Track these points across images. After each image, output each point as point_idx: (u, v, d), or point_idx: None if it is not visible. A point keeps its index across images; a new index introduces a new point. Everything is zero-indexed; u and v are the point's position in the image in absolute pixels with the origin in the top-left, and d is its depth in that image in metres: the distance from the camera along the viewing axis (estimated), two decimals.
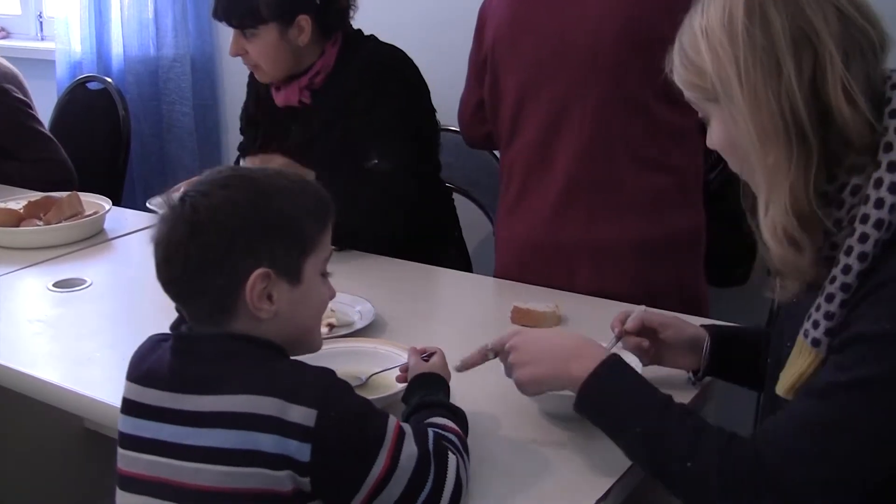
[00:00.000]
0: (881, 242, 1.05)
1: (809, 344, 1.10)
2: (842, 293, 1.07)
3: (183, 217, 1.12)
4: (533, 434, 1.38)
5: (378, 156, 2.10)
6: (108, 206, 2.38)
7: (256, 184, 1.16)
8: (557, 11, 1.87)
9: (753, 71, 1.07)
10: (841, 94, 1.05)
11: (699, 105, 1.19)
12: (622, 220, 1.88)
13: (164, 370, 1.14)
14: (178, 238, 1.12)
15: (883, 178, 1.05)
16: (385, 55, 2.18)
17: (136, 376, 1.18)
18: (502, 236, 2.06)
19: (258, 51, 2.12)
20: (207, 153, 3.62)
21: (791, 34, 1.06)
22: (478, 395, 1.44)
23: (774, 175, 1.08)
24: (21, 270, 2.08)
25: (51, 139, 2.87)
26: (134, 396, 1.17)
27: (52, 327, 1.80)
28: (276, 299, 1.14)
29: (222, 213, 1.12)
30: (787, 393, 1.13)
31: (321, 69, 2.15)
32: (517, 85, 1.94)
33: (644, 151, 1.86)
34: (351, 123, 2.12)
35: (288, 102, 2.20)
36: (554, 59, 1.87)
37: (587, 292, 1.87)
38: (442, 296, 1.93)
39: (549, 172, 1.92)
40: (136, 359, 1.21)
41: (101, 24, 3.48)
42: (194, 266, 1.12)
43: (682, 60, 1.17)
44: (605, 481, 1.26)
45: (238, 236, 1.12)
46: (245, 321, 1.14)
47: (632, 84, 1.82)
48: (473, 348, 1.69)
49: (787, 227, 1.08)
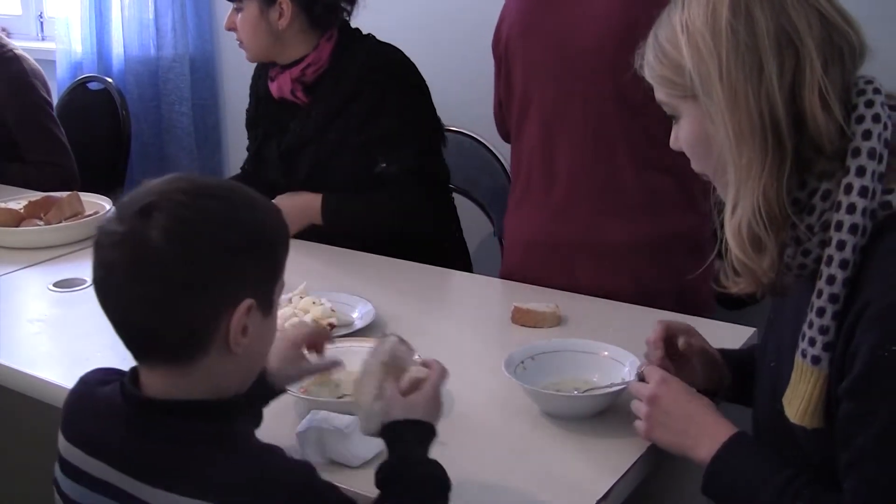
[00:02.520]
0: (859, 248, 1.04)
1: (809, 363, 1.07)
2: (832, 304, 1.05)
3: (150, 232, 0.94)
4: (533, 434, 1.38)
5: (385, 160, 2.13)
6: (109, 206, 2.37)
7: (234, 196, 1.01)
8: (563, 11, 1.88)
9: (735, 68, 1.06)
10: (817, 99, 1.05)
11: (669, 102, 1.18)
12: (623, 219, 1.88)
13: (116, 443, 1.00)
14: (147, 258, 0.94)
15: (853, 183, 1.04)
16: (384, 56, 2.19)
17: (75, 437, 1.04)
18: (508, 234, 2.07)
19: (241, 25, 2.18)
20: (207, 153, 3.62)
21: (775, 35, 1.06)
22: (478, 396, 1.44)
23: (747, 175, 1.07)
24: (21, 270, 2.08)
25: (63, 144, 2.85)
26: (76, 462, 1.02)
27: (52, 327, 1.80)
28: (250, 333, 1.00)
29: (210, 226, 0.96)
30: (802, 420, 1.09)
31: (313, 62, 2.17)
32: (523, 83, 1.95)
33: (645, 152, 1.86)
34: (350, 125, 2.14)
35: (282, 94, 2.22)
36: (557, 58, 1.88)
37: (588, 291, 1.87)
38: (442, 296, 1.93)
39: (551, 171, 1.93)
40: (70, 410, 1.07)
41: (101, 25, 3.49)
42: (173, 291, 0.95)
43: (657, 55, 1.16)
44: (607, 481, 1.26)
45: (226, 255, 0.97)
46: (215, 358, 0.99)
47: (633, 84, 1.82)
48: (473, 348, 1.69)
49: (753, 227, 1.07)
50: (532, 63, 1.93)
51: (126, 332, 1.00)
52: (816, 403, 1.08)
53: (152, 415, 1.00)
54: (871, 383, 1.02)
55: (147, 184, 1.00)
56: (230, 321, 0.98)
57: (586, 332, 1.65)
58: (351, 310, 1.76)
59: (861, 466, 1.04)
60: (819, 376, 1.07)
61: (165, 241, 0.93)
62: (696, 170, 1.21)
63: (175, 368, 1.00)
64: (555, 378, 1.48)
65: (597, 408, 1.40)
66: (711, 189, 1.19)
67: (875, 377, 1.01)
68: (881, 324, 1.01)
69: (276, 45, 2.18)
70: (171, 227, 0.94)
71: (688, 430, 1.24)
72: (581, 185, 1.90)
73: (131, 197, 0.98)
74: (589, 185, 1.89)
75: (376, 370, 1.16)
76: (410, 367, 1.19)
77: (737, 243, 1.09)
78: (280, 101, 2.24)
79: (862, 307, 1.02)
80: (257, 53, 2.22)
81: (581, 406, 1.41)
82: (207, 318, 0.97)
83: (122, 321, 0.99)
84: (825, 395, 1.07)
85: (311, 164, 2.18)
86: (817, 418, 1.09)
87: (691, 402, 1.26)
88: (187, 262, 0.94)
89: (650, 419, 1.28)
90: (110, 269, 0.96)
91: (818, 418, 1.09)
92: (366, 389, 1.15)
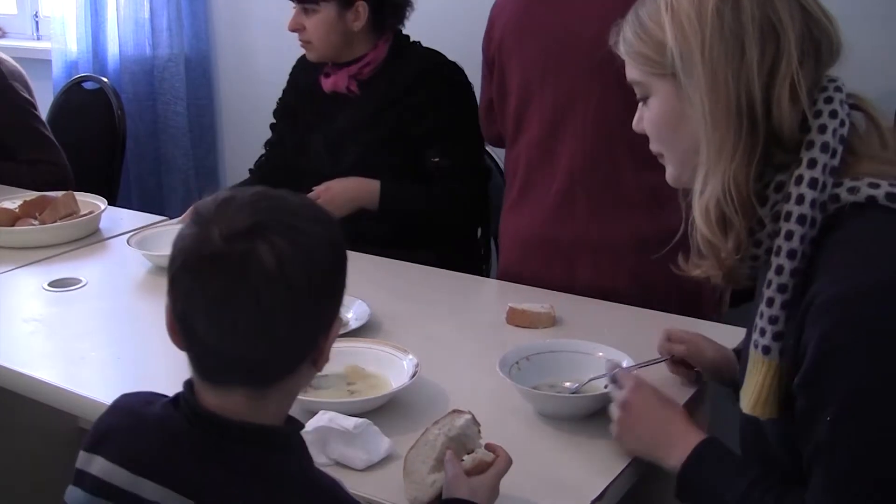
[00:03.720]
0: (808, 238, 1.06)
1: (760, 353, 1.09)
2: (780, 294, 1.06)
3: (263, 257, 0.88)
4: (528, 434, 1.38)
5: (438, 154, 2.22)
6: (104, 205, 2.37)
7: (322, 215, 0.99)
8: (561, 11, 1.89)
9: (718, 50, 1.08)
10: (787, 90, 1.07)
11: (642, 80, 1.20)
12: (622, 217, 1.89)
13: (175, 465, 0.95)
14: (264, 285, 0.88)
15: (803, 174, 1.06)
16: (437, 59, 2.29)
17: (120, 457, 0.98)
18: (505, 233, 2.07)
19: (314, 26, 2.22)
20: (202, 153, 3.62)
21: (759, 23, 1.08)
22: (473, 396, 1.45)
23: (718, 156, 1.09)
24: (16, 270, 2.08)
25: (52, 142, 2.85)
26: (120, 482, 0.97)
27: (47, 327, 1.79)
28: (330, 350, 0.99)
29: (320, 252, 0.94)
30: (753, 410, 1.10)
31: (371, 61, 2.25)
32: (521, 84, 1.95)
33: (645, 150, 1.85)
34: (403, 117, 2.22)
35: (336, 88, 2.29)
36: (557, 58, 1.89)
37: (587, 289, 1.88)
38: (437, 296, 1.93)
39: (552, 170, 1.93)
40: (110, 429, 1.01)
41: (97, 24, 3.48)
42: (287, 318, 0.91)
43: (636, 32, 1.17)
44: (601, 482, 1.26)
45: (330, 278, 0.96)
46: (297, 377, 0.98)
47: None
48: (468, 348, 1.69)
49: (722, 206, 1.09)
50: (530, 63, 1.93)
51: (220, 358, 0.93)
52: (767, 394, 1.09)
53: (222, 438, 0.95)
54: (819, 376, 1.03)
55: (230, 194, 0.94)
56: (327, 339, 0.97)
57: (581, 332, 1.65)
58: (346, 310, 1.76)
59: (817, 459, 1.05)
60: (769, 366, 1.08)
61: (281, 264, 0.88)
62: (653, 150, 1.24)
63: (258, 391, 0.96)
64: (549, 379, 1.49)
65: (591, 409, 1.40)
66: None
67: (823, 369, 1.02)
68: (828, 316, 1.02)
69: (345, 46, 2.25)
70: (286, 250, 0.89)
71: (658, 437, 1.26)
72: (581, 183, 1.90)
73: (215, 214, 0.92)
74: (589, 182, 1.90)
75: (439, 443, 1.17)
76: (476, 448, 1.19)
77: (704, 221, 1.11)
78: (330, 94, 2.31)
79: (811, 299, 1.03)
80: (325, 54, 2.27)
81: (575, 407, 1.41)
82: (311, 341, 0.96)
83: (218, 347, 0.92)
84: (778, 386, 1.08)
85: (358, 154, 2.26)
86: (769, 408, 1.10)
87: (663, 410, 1.28)
88: (302, 289, 0.91)
89: (622, 424, 1.29)
90: (215, 294, 0.89)
91: (770, 408, 1.10)
92: (422, 458, 1.17)
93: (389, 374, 1.50)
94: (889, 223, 1.05)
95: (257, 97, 2.87)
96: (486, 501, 1.12)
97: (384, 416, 1.39)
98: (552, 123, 1.92)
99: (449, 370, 1.57)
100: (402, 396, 1.46)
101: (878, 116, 1.13)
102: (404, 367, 1.50)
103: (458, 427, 1.19)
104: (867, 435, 1.01)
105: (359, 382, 1.49)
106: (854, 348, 1.00)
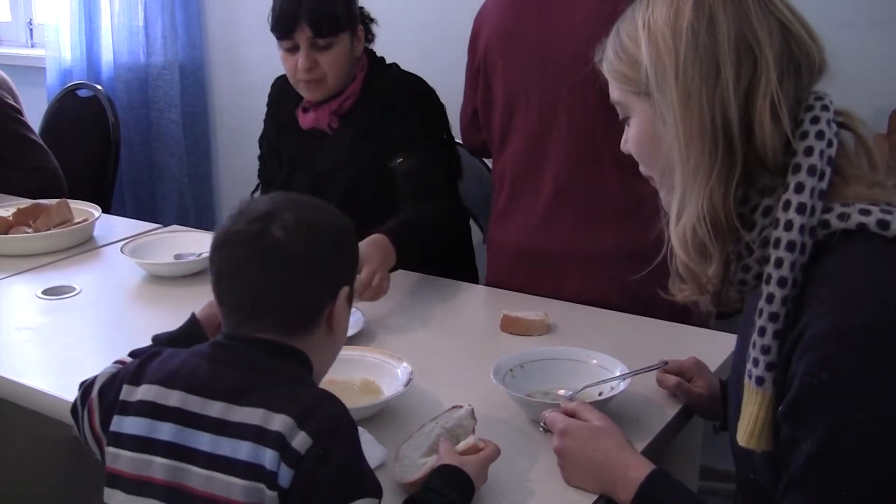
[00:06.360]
0: (798, 265, 1.03)
1: (754, 385, 1.05)
2: (772, 323, 1.03)
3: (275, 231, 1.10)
4: (522, 442, 1.39)
5: (403, 155, 2.10)
6: (98, 213, 2.37)
7: (327, 206, 1.20)
8: (546, 20, 1.88)
9: (692, 69, 1.05)
10: (767, 109, 1.04)
11: (621, 101, 1.17)
12: (608, 227, 1.89)
13: (201, 375, 1.10)
14: (276, 249, 1.10)
15: (791, 199, 1.02)
16: (410, 85, 2.19)
17: (160, 378, 1.12)
18: (493, 243, 2.07)
19: (331, 62, 2.09)
20: (196, 161, 3.62)
21: (735, 42, 1.05)
22: (472, 401, 1.45)
23: (693, 179, 1.06)
24: (10, 278, 2.08)
25: (42, 147, 2.86)
26: (152, 398, 1.11)
27: (41, 335, 1.79)
28: (343, 317, 1.16)
29: (320, 227, 1.15)
30: (748, 443, 1.08)
31: (351, 94, 2.15)
32: (507, 93, 1.95)
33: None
34: (376, 147, 2.13)
35: (317, 125, 2.18)
36: (541, 66, 1.89)
37: (574, 299, 1.88)
38: (431, 303, 1.93)
39: (538, 180, 1.93)
40: (157, 362, 1.15)
41: (91, 32, 3.49)
42: (296, 274, 1.11)
43: (616, 50, 1.15)
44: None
45: (333, 250, 1.15)
46: (316, 340, 1.14)
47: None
48: (462, 356, 1.69)
49: (698, 233, 1.06)
50: (515, 71, 1.93)
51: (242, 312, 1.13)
52: (763, 426, 1.06)
53: (236, 352, 1.12)
54: (801, 410, 1.01)
55: (254, 200, 1.19)
56: (334, 305, 1.13)
57: (575, 340, 1.66)
58: None
59: (788, 493, 1.03)
60: (763, 398, 1.05)
61: (287, 236, 1.10)
62: (643, 173, 1.21)
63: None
64: (543, 386, 1.49)
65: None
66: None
67: (805, 404, 1.00)
68: (812, 351, 0.99)
69: (349, 77, 2.15)
70: (292, 227, 1.11)
71: (601, 476, 1.24)
72: (567, 192, 1.90)
73: (245, 208, 1.15)
74: (575, 192, 1.90)
75: (434, 433, 1.28)
76: (469, 438, 1.26)
77: (681, 247, 1.08)
78: (308, 130, 2.21)
79: (800, 332, 1.01)
80: (336, 87, 2.14)
81: None
82: (317, 302, 1.13)
83: (239, 303, 1.13)
84: (773, 418, 1.06)
85: (344, 190, 2.15)
86: (764, 441, 1.07)
87: (597, 450, 1.25)
88: (307, 254, 1.11)
89: (563, 470, 1.28)
90: (240, 259, 1.11)
91: (765, 441, 1.07)
92: (414, 446, 1.27)
93: (383, 382, 1.50)
94: (879, 252, 1.02)
95: (251, 105, 2.87)
96: (473, 476, 1.19)
97: (379, 424, 1.39)
98: (538, 133, 1.91)
99: (443, 378, 1.57)
100: (397, 404, 1.46)
101: (866, 135, 1.09)
102: (398, 374, 1.50)
103: (455, 418, 1.30)
104: (842, 474, 0.99)
105: (353, 390, 1.49)
106: (836, 387, 0.98)
